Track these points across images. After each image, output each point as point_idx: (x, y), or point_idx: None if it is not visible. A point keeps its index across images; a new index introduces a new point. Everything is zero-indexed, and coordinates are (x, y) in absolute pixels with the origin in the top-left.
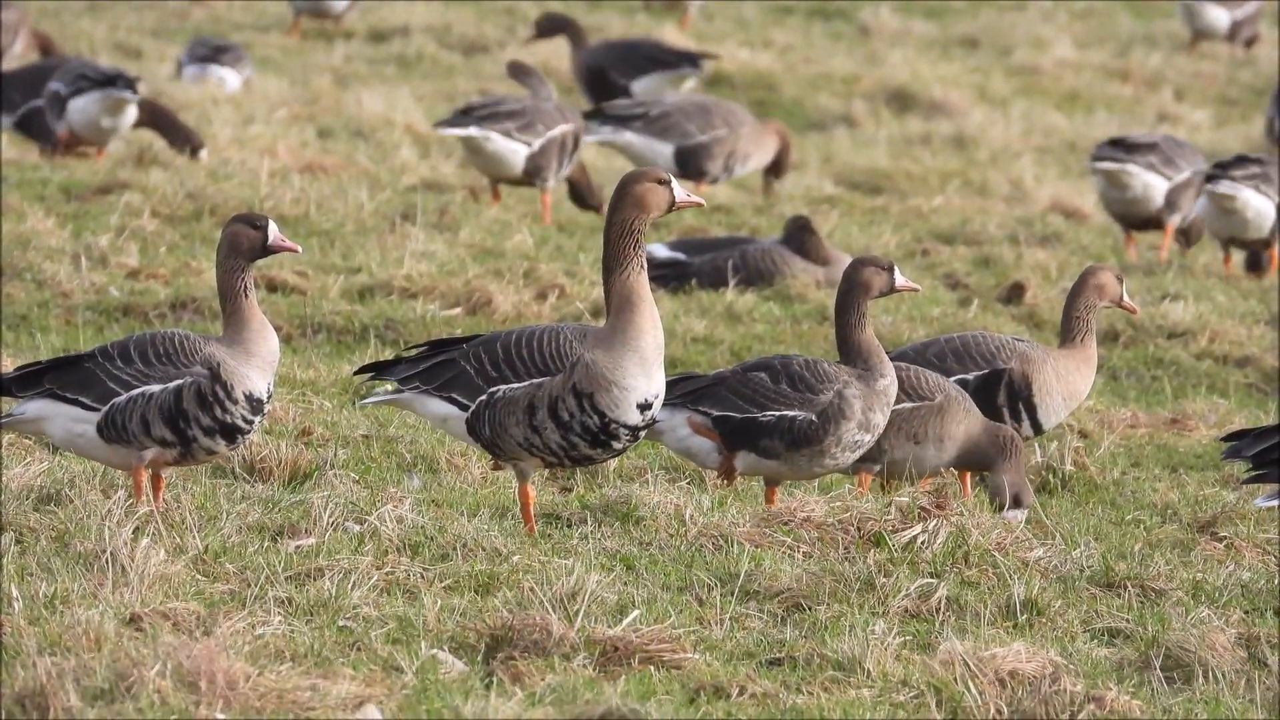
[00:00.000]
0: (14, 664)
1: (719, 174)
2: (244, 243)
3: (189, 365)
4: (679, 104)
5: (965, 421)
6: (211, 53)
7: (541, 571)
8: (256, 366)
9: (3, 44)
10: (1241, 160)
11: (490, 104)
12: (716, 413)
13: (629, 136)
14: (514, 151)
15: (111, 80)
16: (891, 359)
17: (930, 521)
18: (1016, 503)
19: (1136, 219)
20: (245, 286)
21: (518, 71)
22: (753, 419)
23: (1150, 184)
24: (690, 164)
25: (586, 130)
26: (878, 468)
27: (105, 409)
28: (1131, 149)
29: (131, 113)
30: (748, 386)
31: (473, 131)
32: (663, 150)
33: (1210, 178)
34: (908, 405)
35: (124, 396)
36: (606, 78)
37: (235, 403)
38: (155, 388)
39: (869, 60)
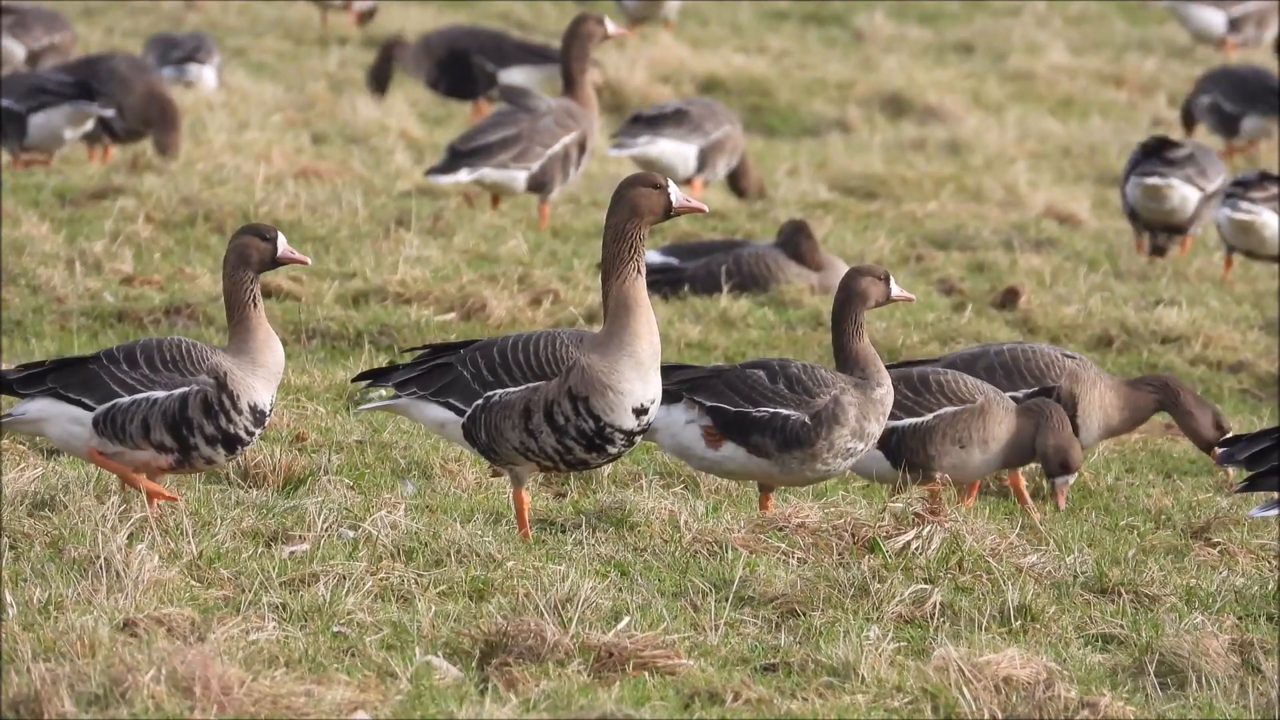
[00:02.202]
0: (8, 670)
1: (722, 170)
2: (254, 254)
3: (195, 373)
4: (691, 103)
5: (1006, 420)
6: (188, 53)
7: (536, 577)
8: (262, 377)
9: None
10: (1264, 179)
11: (480, 133)
12: (710, 403)
13: (662, 144)
14: (513, 179)
15: (79, 93)
16: (941, 367)
17: (924, 527)
18: (1064, 468)
19: (1165, 225)
20: (254, 297)
21: (508, 94)
22: (746, 414)
23: (1186, 196)
24: (707, 162)
25: (619, 146)
26: (939, 477)
27: (106, 406)
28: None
29: (89, 124)
30: (745, 382)
31: (463, 177)
32: (688, 153)
33: (1229, 196)
34: (950, 410)
35: (127, 399)
36: (469, 61)
37: (240, 413)
38: (160, 393)
39: (864, 66)
